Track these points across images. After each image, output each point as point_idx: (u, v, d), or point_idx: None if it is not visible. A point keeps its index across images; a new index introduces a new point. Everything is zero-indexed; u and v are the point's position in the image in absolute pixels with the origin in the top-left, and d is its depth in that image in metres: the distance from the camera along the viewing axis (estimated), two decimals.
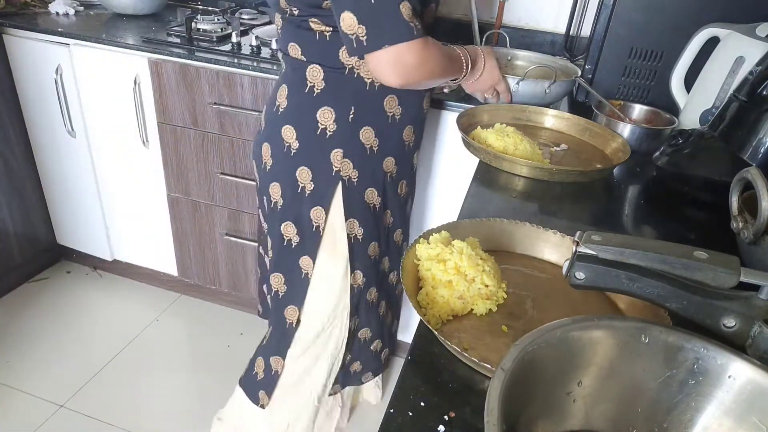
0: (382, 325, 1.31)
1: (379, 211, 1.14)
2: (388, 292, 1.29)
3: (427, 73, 0.94)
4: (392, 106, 1.07)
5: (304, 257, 1.13)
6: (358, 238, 1.13)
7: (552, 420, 0.50)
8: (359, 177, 1.08)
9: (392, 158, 1.11)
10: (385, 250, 1.21)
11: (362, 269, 1.16)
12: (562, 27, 1.81)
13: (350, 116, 1.03)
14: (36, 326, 1.97)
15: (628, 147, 1.10)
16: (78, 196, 2.01)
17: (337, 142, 1.05)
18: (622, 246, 0.54)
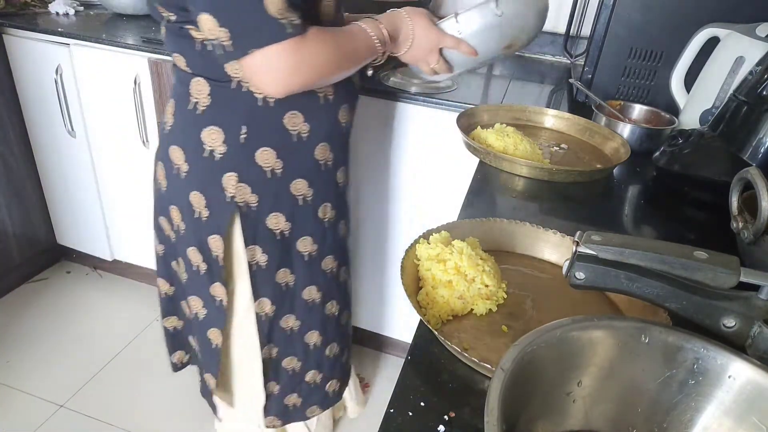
0: (318, 356, 1.20)
1: (289, 237, 1.02)
2: (323, 323, 1.17)
3: (313, 73, 0.81)
4: (296, 123, 0.93)
5: (215, 284, 1.04)
6: (261, 266, 1.02)
7: (552, 420, 0.50)
8: (259, 202, 0.96)
9: (303, 180, 0.98)
10: (307, 279, 1.09)
11: (270, 297, 1.06)
12: (562, 27, 1.81)
13: (242, 137, 0.90)
14: (36, 326, 1.97)
15: (628, 147, 1.10)
16: (78, 196, 2.01)
17: (228, 165, 0.92)
18: (622, 246, 0.54)
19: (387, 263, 1.72)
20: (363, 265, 1.75)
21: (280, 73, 0.78)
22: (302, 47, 0.77)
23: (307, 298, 1.11)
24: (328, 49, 0.81)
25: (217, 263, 1.00)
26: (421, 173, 1.54)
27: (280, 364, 1.17)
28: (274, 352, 1.15)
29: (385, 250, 1.70)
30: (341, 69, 0.87)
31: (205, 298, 1.08)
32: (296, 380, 1.21)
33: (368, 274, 1.76)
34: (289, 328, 1.12)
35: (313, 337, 1.17)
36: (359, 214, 1.65)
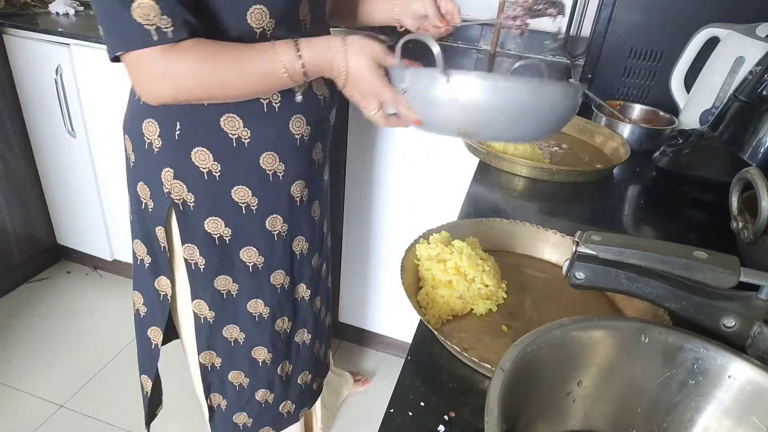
0: (269, 375, 1.14)
1: (231, 244, 0.98)
2: (272, 340, 1.10)
3: (183, 86, 0.75)
4: (234, 127, 0.87)
5: (160, 278, 1.01)
6: (199, 267, 0.98)
7: (552, 420, 0.50)
8: (196, 203, 0.93)
9: (247, 188, 0.93)
10: (253, 292, 1.04)
11: (207, 301, 1.02)
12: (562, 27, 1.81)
13: (176, 133, 0.88)
14: (36, 326, 1.97)
15: (628, 147, 1.10)
16: (78, 196, 2.01)
17: (165, 160, 0.90)
18: (622, 246, 0.54)
19: (387, 263, 1.72)
20: (363, 265, 1.75)
21: (146, 80, 0.75)
22: (168, 56, 0.72)
23: (253, 312, 1.06)
24: (203, 65, 0.74)
25: (164, 255, 0.99)
26: (420, 173, 1.54)
27: (226, 377, 1.13)
28: (218, 362, 1.11)
29: (385, 249, 1.70)
30: (224, 90, 0.79)
31: (147, 293, 1.05)
32: (244, 398, 1.15)
33: (368, 273, 1.76)
34: (233, 339, 1.08)
35: (261, 354, 1.11)
36: (359, 214, 1.65)
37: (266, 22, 0.81)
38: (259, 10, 0.79)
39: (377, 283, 1.77)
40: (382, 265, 1.73)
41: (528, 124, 0.71)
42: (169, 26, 0.71)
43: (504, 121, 0.70)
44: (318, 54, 0.77)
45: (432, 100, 0.71)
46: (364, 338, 1.96)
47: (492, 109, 0.68)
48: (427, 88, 0.70)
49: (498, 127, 0.71)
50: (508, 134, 0.75)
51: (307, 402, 1.27)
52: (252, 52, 0.77)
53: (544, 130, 0.75)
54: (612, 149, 1.16)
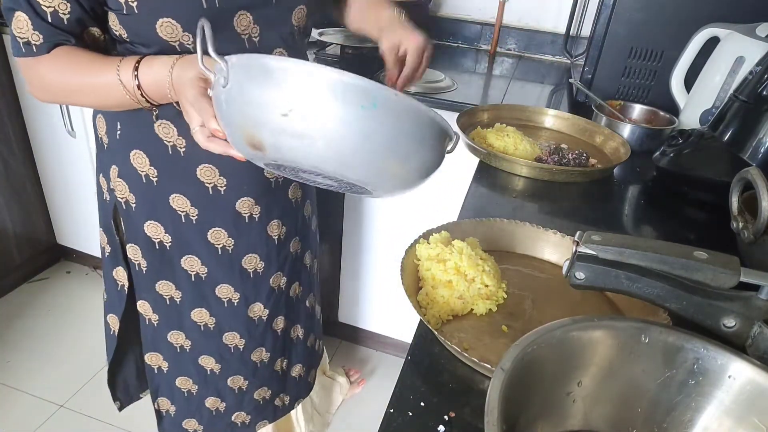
0: (218, 384, 1.12)
1: (171, 251, 0.97)
2: (220, 352, 1.08)
3: (49, 92, 0.81)
4: (169, 134, 0.86)
5: (118, 268, 1.02)
6: (141, 269, 0.99)
7: (552, 420, 0.50)
8: (137, 204, 0.93)
9: (184, 198, 0.91)
10: (196, 302, 1.02)
11: (150, 303, 1.02)
12: (562, 27, 1.81)
13: (118, 132, 0.89)
14: (36, 326, 1.97)
15: (628, 147, 1.10)
16: (78, 196, 2.01)
17: (112, 157, 0.92)
18: (622, 246, 0.54)
19: (387, 263, 1.72)
20: (363, 265, 1.75)
21: (27, 83, 0.81)
22: (37, 65, 0.77)
23: (198, 321, 1.04)
24: (61, 75, 0.77)
25: (119, 247, 0.99)
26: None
27: (174, 383, 1.11)
28: (164, 366, 1.10)
29: (385, 249, 1.70)
30: (81, 97, 0.81)
31: (108, 281, 1.06)
32: (193, 404, 1.14)
33: (368, 273, 1.76)
34: (179, 345, 1.07)
35: (209, 363, 1.09)
36: (359, 214, 1.65)
37: (181, 35, 0.77)
38: (167, 23, 0.76)
39: (377, 283, 1.77)
40: (382, 265, 1.73)
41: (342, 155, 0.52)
42: (39, 41, 0.75)
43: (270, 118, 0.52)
44: (152, 73, 0.74)
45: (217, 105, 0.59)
46: (364, 338, 1.96)
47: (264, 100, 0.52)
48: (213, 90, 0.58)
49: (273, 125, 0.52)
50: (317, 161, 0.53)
51: (267, 416, 1.24)
52: (102, 66, 0.77)
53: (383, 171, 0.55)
54: (612, 149, 1.16)
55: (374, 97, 0.50)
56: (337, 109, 0.50)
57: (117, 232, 0.99)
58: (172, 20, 0.76)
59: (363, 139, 0.51)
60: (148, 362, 1.10)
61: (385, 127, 0.51)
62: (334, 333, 1.96)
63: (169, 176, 0.90)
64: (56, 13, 0.74)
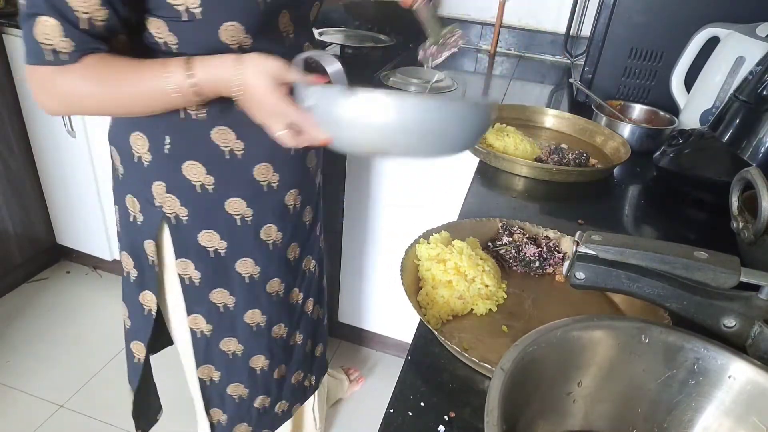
0: (266, 381, 1.14)
1: (227, 257, 0.96)
2: (270, 347, 1.10)
3: (72, 104, 0.76)
4: (227, 139, 0.86)
5: (145, 292, 0.99)
6: (194, 282, 0.97)
7: (552, 420, 0.50)
8: (190, 216, 0.91)
9: (241, 200, 0.92)
10: (250, 303, 1.03)
11: (204, 315, 1.01)
12: (562, 27, 1.81)
13: (166, 147, 0.86)
14: (36, 326, 1.97)
15: (628, 147, 1.10)
16: (78, 196, 2.01)
17: (156, 174, 0.88)
18: (622, 246, 0.54)
19: (387, 263, 1.72)
20: (363, 265, 1.75)
21: (38, 94, 0.75)
22: (60, 76, 0.72)
23: (250, 322, 1.05)
24: (93, 85, 0.73)
25: (152, 269, 0.96)
26: (420, 173, 1.54)
27: (225, 392, 1.11)
28: (216, 376, 1.09)
29: (385, 249, 1.70)
30: (117, 107, 0.79)
31: (132, 306, 1.03)
32: (244, 408, 1.14)
33: (368, 273, 1.76)
34: (231, 352, 1.07)
35: (258, 362, 1.10)
36: (359, 214, 1.65)
37: (242, 38, 0.78)
38: (232, 27, 0.77)
39: (377, 283, 1.77)
40: (382, 265, 1.73)
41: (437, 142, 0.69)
42: (68, 49, 0.70)
43: (412, 140, 0.68)
44: (212, 73, 0.74)
45: (338, 119, 0.69)
46: (364, 338, 1.96)
47: (399, 127, 0.67)
48: (332, 106, 0.68)
49: (407, 144, 0.69)
50: (418, 152, 0.73)
51: (299, 398, 1.28)
52: (144, 72, 0.75)
53: (455, 148, 0.73)
54: (612, 149, 1.16)
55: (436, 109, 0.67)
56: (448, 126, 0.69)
57: (158, 251, 0.95)
58: (236, 23, 0.76)
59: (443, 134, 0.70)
60: (200, 376, 1.09)
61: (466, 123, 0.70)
62: (334, 333, 1.96)
63: (226, 181, 0.90)
64: (91, 20, 0.69)
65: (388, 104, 0.66)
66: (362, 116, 0.67)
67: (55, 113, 0.78)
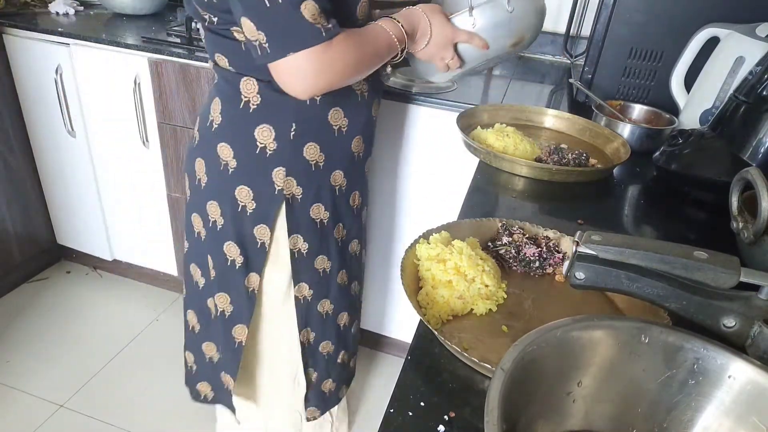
0: (347, 336, 1.28)
1: (327, 225, 1.08)
2: (351, 303, 1.25)
3: (338, 76, 0.83)
4: (337, 118, 0.99)
5: (251, 275, 1.08)
6: (302, 253, 1.08)
7: (552, 420, 0.50)
8: (304, 194, 1.02)
9: (341, 171, 1.05)
10: (340, 263, 1.15)
11: (308, 282, 1.12)
12: (562, 27, 1.81)
13: (291, 133, 0.96)
14: (36, 326, 1.97)
15: (628, 147, 1.10)
16: (78, 196, 2.01)
17: (278, 160, 0.98)
18: (622, 246, 0.54)
19: (387, 263, 1.72)
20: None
21: (308, 76, 0.80)
22: (329, 51, 0.79)
23: (340, 282, 1.17)
24: (353, 52, 0.83)
25: (262, 251, 1.05)
26: (420, 173, 1.54)
27: (318, 350, 1.21)
28: (312, 336, 1.19)
29: (385, 249, 1.70)
30: (364, 70, 0.90)
31: (237, 292, 1.11)
32: (331, 364, 1.26)
33: (368, 273, 1.76)
34: (325, 312, 1.18)
35: (343, 318, 1.23)
36: None
37: (366, 12, 0.93)
38: (364, 3, 0.92)
39: (377, 283, 1.77)
40: (382, 265, 1.73)
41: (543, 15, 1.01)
42: (328, 23, 0.79)
43: (534, 17, 0.99)
44: (408, 21, 0.93)
45: (495, 24, 0.96)
46: (364, 338, 1.96)
47: (533, 6, 0.98)
48: (492, 15, 0.96)
49: (534, 23, 1.00)
50: (538, 28, 1.02)
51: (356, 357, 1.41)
52: (374, 33, 0.89)
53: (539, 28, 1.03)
54: (612, 149, 1.16)
55: None
56: None
57: (271, 232, 1.03)
58: (367, 1, 0.93)
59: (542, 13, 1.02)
60: (302, 339, 1.17)
61: None
62: None
63: (333, 156, 1.02)
64: None
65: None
66: (515, 11, 0.95)
67: (318, 91, 0.85)
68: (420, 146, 1.50)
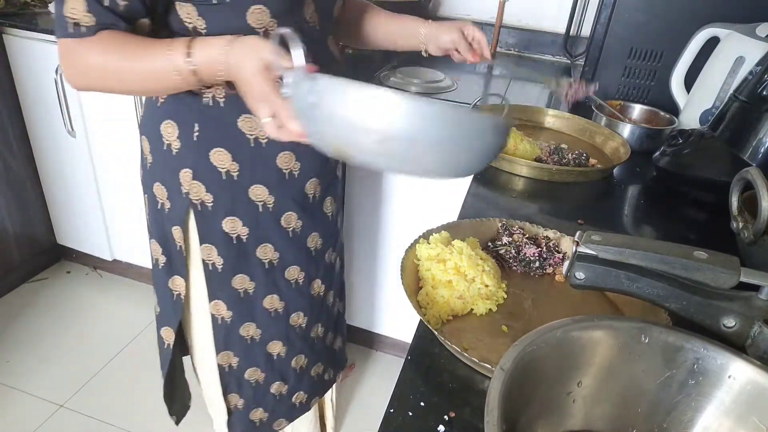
0: (283, 368, 1.15)
1: (248, 243, 0.99)
2: (287, 334, 1.11)
3: (92, 77, 0.78)
4: (252, 127, 0.88)
5: (175, 277, 1.02)
6: (216, 267, 1.00)
7: (552, 420, 0.50)
8: (215, 203, 0.94)
9: (263, 187, 0.94)
10: (268, 288, 1.05)
11: (225, 301, 1.03)
12: (562, 27, 1.81)
13: (195, 134, 0.89)
14: (36, 326, 1.97)
15: (628, 147, 1.10)
16: (78, 196, 2.01)
17: (184, 161, 0.91)
18: (622, 246, 0.54)
19: (387, 263, 1.72)
20: (363, 265, 1.75)
21: (64, 68, 0.78)
22: (78, 48, 0.75)
23: (269, 308, 1.07)
24: (104, 59, 0.76)
25: (180, 254, 0.99)
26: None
27: (242, 376, 1.13)
28: (234, 362, 1.11)
29: (385, 249, 1.70)
30: (122, 82, 0.80)
31: (162, 293, 1.06)
32: (260, 393, 1.16)
33: (369, 273, 1.76)
34: (249, 337, 1.09)
35: (276, 348, 1.12)
36: (360, 213, 1.65)
37: (268, 21, 0.81)
38: (259, 9, 0.79)
39: (377, 283, 1.77)
40: (382, 265, 1.73)
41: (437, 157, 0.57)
42: (89, 23, 0.74)
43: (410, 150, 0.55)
44: (206, 54, 0.74)
45: (300, 111, 0.62)
46: (364, 338, 1.96)
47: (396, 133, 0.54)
48: (305, 95, 0.59)
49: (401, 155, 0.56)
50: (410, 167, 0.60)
51: (318, 391, 1.30)
52: (152, 49, 0.76)
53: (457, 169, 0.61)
54: (612, 149, 1.16)
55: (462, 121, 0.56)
56: (430, 134, 0.54)
57: (185, 236, 0.98)
58: (263, 6, 0.79)
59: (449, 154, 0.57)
60: (220, 362, 1.11)
61: (466, 140, 0.57)
62: None
63: (251, 168, 0.92)
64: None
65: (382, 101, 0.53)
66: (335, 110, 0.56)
67: (80, 88, 0.81)
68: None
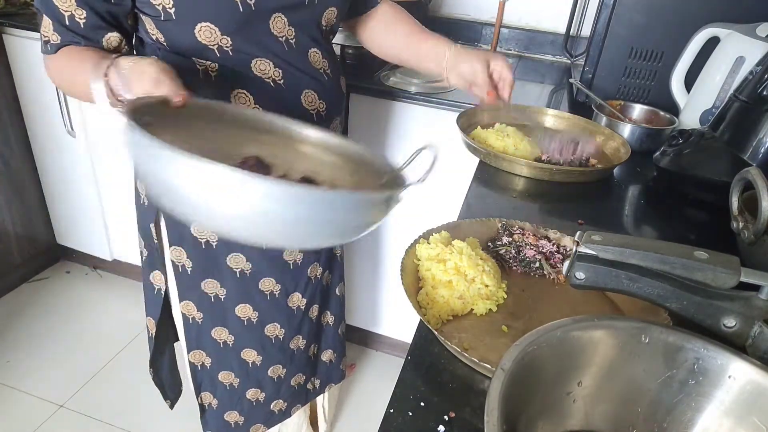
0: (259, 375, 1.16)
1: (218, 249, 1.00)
2: (262, 343, 1.12)
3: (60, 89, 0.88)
4: None
5: (155, 272, 1.05)
6: (186, 270, 1.00)
7: (552, 420, 0.50)
8: None
9: None
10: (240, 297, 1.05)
11: (195, 302, 1.05)
12: (562, 27, 1.81)
13: None
14: (36, 326, 1.97)
15: (628, 147, 1.10)
16: (78, 196, 2.01)
17: None
18: (622, 246, 0.54)
19: (387, 263, 1.72)
20: (363, 265, 1.75)
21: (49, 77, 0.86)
22: (48, 63, 0.83)
23: (242, 316, 1.07)
24: (57, 72, 0.84)
25: (157, 251, 1.01)
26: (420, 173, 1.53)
27: (216, 377, 1.14)
28: (207, 362, 1.13)
29: (385, 249, 1.70)
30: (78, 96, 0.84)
31: (146, 285, 1.09)
32: (235, 397, 1.17)
33: (369, 273, 1.76)
34: (222, 341, 1.10)
35: (250, 356, 1.13)
36: None
37: (219, 38, 0.81)
38: (206, 27, 0.79)
39: (377, 283, 1.77)
40: (382, 265, 1.73)
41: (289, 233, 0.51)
42: (56, 42, 0.80)
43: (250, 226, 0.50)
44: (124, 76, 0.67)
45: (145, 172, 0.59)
46: (365, 338, 1.96)
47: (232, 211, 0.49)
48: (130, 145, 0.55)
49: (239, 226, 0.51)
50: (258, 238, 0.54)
51: (300, 400, 1.29)
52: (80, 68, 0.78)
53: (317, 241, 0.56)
54: (612, 149, 1.16)
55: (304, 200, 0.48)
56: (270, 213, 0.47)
57: (158, 235, 0.99)
58: (210, 24, 0.79)
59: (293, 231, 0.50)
60: (192, 360, 1.12)
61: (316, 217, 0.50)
62: None
63: None
64: (72, 18, 0.78)
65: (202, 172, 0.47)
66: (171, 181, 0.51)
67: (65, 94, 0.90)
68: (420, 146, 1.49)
